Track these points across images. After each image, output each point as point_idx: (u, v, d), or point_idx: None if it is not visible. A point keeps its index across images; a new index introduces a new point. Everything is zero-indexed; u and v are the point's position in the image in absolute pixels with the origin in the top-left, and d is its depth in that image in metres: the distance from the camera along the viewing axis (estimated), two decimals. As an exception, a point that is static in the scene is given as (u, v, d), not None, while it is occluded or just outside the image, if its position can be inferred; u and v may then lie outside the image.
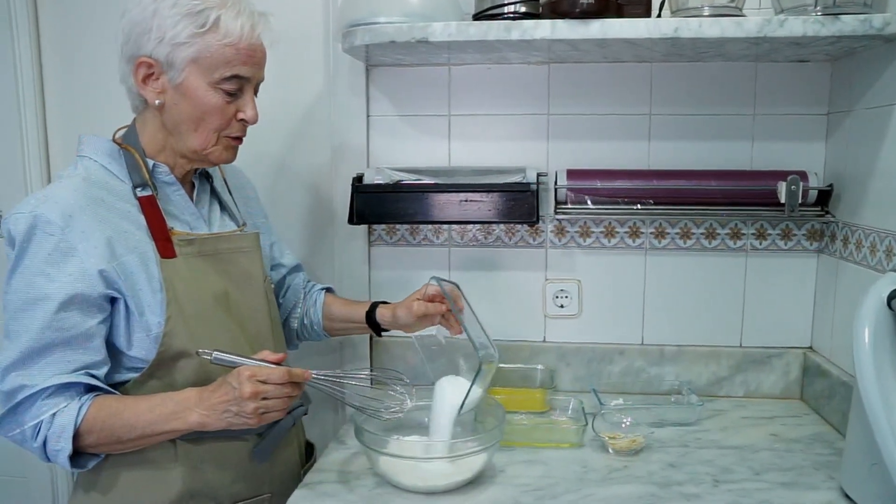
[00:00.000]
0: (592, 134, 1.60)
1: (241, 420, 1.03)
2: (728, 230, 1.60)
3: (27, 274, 1.01)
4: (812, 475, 1.22)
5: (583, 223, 1.63)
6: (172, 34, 1.03)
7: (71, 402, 1.02)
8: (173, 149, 1.13)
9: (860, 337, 1.02)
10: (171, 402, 1.05)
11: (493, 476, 1.22)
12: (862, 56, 1.40)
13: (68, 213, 1.01)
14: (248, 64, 1.08)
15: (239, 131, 1.14)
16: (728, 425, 1.46)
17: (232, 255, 1.19)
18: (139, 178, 1.10)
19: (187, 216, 1.16)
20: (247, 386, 1.01)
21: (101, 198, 1.06)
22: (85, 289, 1.01)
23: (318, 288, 1.46)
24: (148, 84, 1.07)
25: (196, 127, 1.09)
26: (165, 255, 1.08)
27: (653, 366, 1.64)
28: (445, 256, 1.68)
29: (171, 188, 1.14)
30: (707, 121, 1.57)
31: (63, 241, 1.00)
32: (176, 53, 1.04)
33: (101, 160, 1.10)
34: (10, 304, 1.02)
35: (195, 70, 1.05)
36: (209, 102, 1.07)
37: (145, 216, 1.09)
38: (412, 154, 1.65)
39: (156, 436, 1.05)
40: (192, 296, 1.09)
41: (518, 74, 1.60)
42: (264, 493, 1.20)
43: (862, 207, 1.39)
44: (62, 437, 1.00)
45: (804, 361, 1.59)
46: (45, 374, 1.01)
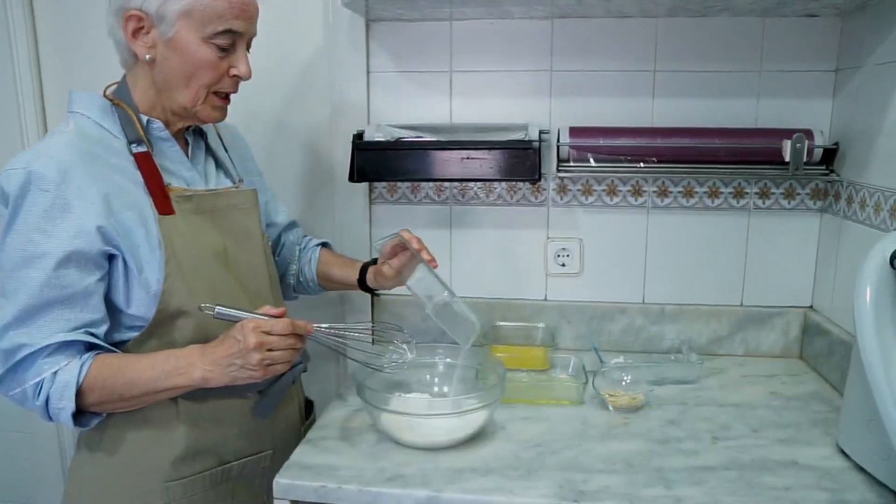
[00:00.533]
0: (596, 91, 1.58)
1: (246, 373, 1.03)
2: (731, 189, 1.59)
3: (23, 231, 0.99)
4: (809, 431, 1.24)
5: (585, 181, 1.62)
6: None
7: (72, 360, 1.01)
8: (164, 105, 1.11)
9: (861, 295, 1.02)
10: (173, 358, 1.04)
11: (493, 432, 1.23)
12: (873, 10, 1.37)
13: (63, 168, 0.99)
14: (241, 18, 1.06)
15: (231, 87, 1.12)
16: (727, 383, 1.47)
17: (230, 211, 1.18)
18: (134, 133, 1.08)
19: (184, 172, 1.14)
20: (251, 337, 1.01)
21: (97, 153, 1.04)
22: (83, 245, 1.00)
23: (313, 244, 1.46)
24: (138, 38, 1.05)
25: (187, 83, 1.07)
26: (163, 211, 1.07)
27: (653, 324, 1.64)
28: (447, 214, 1.68)
29: (167, 144, 1.12)
30: (712, 78, 1.55)
31: (59, 198, 0.98)
32: (167, 6, 1.01)
33: (93, 116, 1.08)
34: (5, 262, 1.01)
35: (187, 24, 1.03)
36: (201, 58, 1.05)
37: (142, 172, 1.07)
38: (413, 111, 1.64)
39: (158, 392, 1.05)
40: (190, 253, 1.08)
41: (521, 30, 1.58)
42: (266, 449, 1.21)
43: (868, 166, 1.38)
44: (64, 396, 1.00)
45: (804, 320, 1.60)
46: (44, 332, 1.00)
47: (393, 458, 1.15)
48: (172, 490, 1.10)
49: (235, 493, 1.19)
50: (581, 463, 1.13)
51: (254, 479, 1.21)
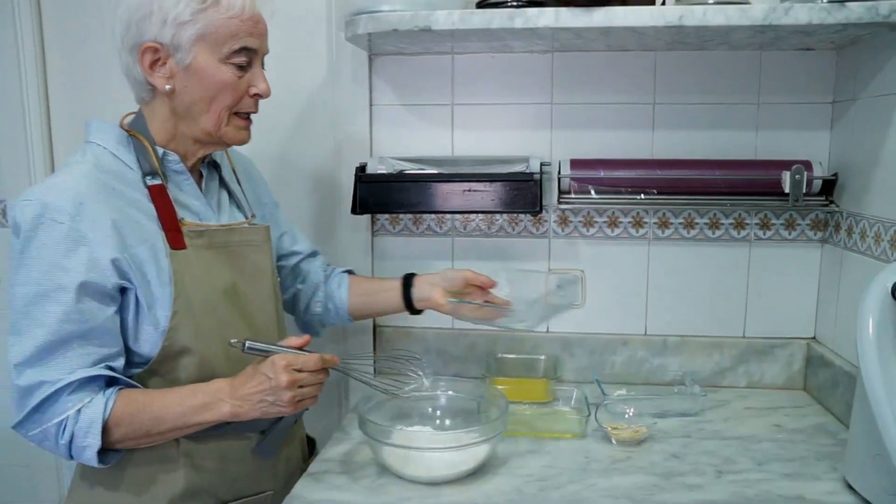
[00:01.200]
0: (596, 123, 1.60)
1: (277, 409, 1.03)
2: (732, 220, 1.59)
3: (37, 264, 0.98)
4: (815, 466, 1.22)
5: (586, 213, 1.63)
6: (175, 13, 1.01)
7: (96, 396, 0.99)
8: (186, 134, 1.10)
9: (864, 327, 1.02)
10: (200, 393, 1.04)
11: (496, 466, 1.22)
12: (867, 44, 1.38)
13: (78, 200, 0.98)
14: (254, 34, 1.07)
15: (252, 107, 1.12)
16: (731, 416, 1.46)
17: (242, 247, 1.17)
18: (149, 165, 1.08)
19: (197, 206, 1.14)
20: (283, 375, 1.01)
21: (112, 185, 1.04)
22: (98, 278, 0.99)
23: (339, 271, 1.44)
24: (155, 70, 1.05)
25: (209, 107, 1.07)
26: (175, 246, 1.06)
27: (656, 356, 1.64)
28: (449, 246, 1.68)
29: (181, 177, 1.12)
30: (711, 110, 1.57)
31: (73, 230, 0.98)
32: (181, 33, 1.02)
33: (109, 146, 1.08)
34: (18, 296, 0.99)
35: (203, 47, 1.03)
36: (221, 79, 1.05)
37: (155, 205, 1.06)
38: (415, 143, 1.65)
39: (187, 427, 1.04)
40: (200, 289, 1.08)
41: (521, 63, 1.60)
42: (267, 490, 1.19)
43: (866, 197, 1.38)
44: (90, 433, 0.98)
45: (807, 352, 1.59)
46: (65, 368, 0.98)
47: (395, 492, 1.14)
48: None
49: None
50: (584, 498, 1.12)
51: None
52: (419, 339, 1.67)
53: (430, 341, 1.67)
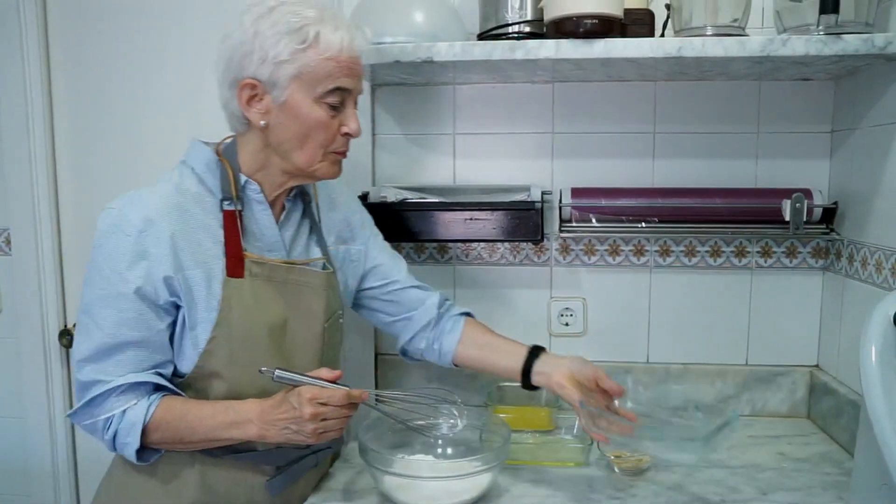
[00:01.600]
0: (597, 152, 1.61)
1: (300, 437, 1.06)
2: (733, 248, 1.60)
3: (103, 270, 1.05)
4: (820, 495, 1.21)
5: (587, 241, 1.63)
6: (274, 53, 1.03)
7: (140, 400, 1.06)
8: (277, 166, 1.13)
9: (867, 355, 1.02)
10: (232, 412, 1.07)
11: (498, 495, 1.21)
12: (864, 75, 1.40)
13: (149, 217, 1.05)
14: (350, 76, 1.09)
15: (343, 146, 1.14)
16: (734, 444, 1.44)
17: (299, 287, 1.17)
18: (228, 191, 1.11)
19: (268, 237, 1.15)
20: (307, 408, 1.02)
21: (187, 208, 1.08)
22: (152, 292, 1.05)
23: (456, 312, 1.38)
24: (252, 105, 1.07)
25: (302, 144, 1.09)
26: (233, 273, 1.09)
27: (658, 384, 1.63)
28: (450, 275, 1.68)
29: (259, 207, 1.14)
30: (711, 139, 1.58)
31: (138, 244, 1.04)
32: (279, 72, 1.04)
33: (198, 169, 1.12)
34: (85, 295, 1.07)
35: (298, 86, 1.06)
36: (314, 118, 1.07)
37: (224, 230, 1.10)
38: (417, 172, 1.66)
39: (216, 441, 1.09)
40: (245, 319, 1.10)
41: (522, 93, 1.61)
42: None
43: (867, 225, 1.39)
44: (131, 433, 1.05)
45: (811, 380, 1.59)
46: (118, 370, 1.06)
47: (396, 522, 1.13)
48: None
49: None
50: (588, 527, 1.11)
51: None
52: (421, 367, 1.66)
53: (432, 369, 1.66)
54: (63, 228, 1.82)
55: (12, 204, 1.78)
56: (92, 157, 1.78)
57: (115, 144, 1.77)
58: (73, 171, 1.80)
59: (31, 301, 1.81)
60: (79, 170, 1.80)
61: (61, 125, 1.79)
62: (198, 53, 1.70)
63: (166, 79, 1.73)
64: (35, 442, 1.85)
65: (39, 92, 1.75)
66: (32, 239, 1.79)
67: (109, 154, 1.77)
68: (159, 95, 1.73)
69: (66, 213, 1.81)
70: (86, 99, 1.77)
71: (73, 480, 1.87)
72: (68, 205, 1.81)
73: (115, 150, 1.77)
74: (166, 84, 1.73)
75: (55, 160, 1.80)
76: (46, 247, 1.79)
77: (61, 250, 1.83)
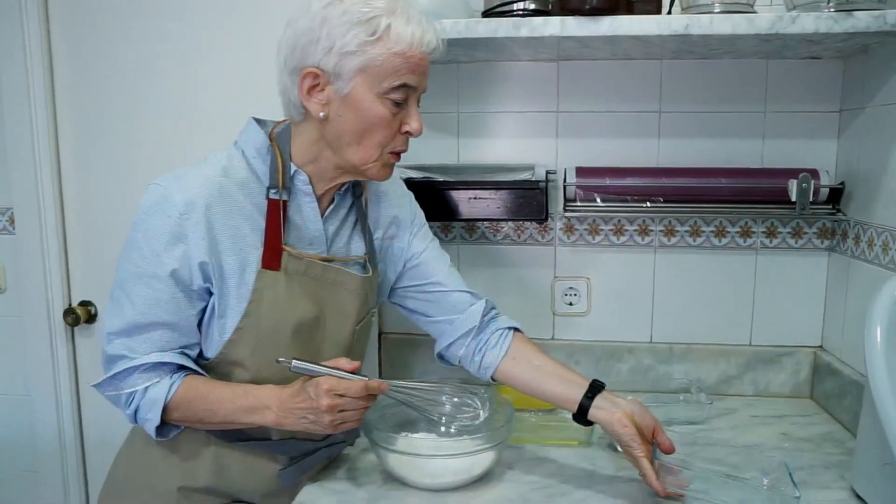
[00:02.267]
0: (602, 131, 1.60)
1: (317, 427, 1.05)
2: (738, 228, 1.59)
3: (141, 248, 1.04)
4: (822, 475, 1.22)
5: (592, 221, 1.63)
6: (342, 43, 0.99)
7: (163, 379, 1.06)
8: (329, 160, 1.09)
9: (872, 336, 1.02)
10: (251, 397, 1.06)
11: (501, 473, 1.22)
12: (874, 53, 1.38)
13: (192, 199, 1.02)
14: (416, 73, 1.04)
15: (403, 145, 1.10)
16: (737, 424, 1.45)
17: (334, 286, 1.15)
18: (275, 180, 1.07)
19: (311, 230, 1.13)
20: (324, 399, 1.01)
21: (231, 194, 1.06)
22: (187, 276, 1.04)
23: (503, 325, 1.29)
24: (313, 95, 1.03)
25: (360, 140, 1.06)
26: (268, 265, 1.07)
27: (662, 364, 1.63)
28: (454, 254, 1.68)
29: (306, 199, 1.11)
30: (717, 118, 1.57)
31: (178, 226, 1.02)
32: (344, 63, 1.00)
33: (249, 153, 1.09)
34: (121, 270, 1.06)
35: (362, 80, 1.02)
36: (376, 113, 1.03)
37: (266, 220, 1.07)
38: (421, 152, 1.65)
39: (234, 424, 1.09)
40: (274, 312, 1.08)
41: (527, 71, 1.60)
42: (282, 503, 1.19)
43: (874, 205, 1.38)
44: (152, 410, 1.06)
45: (814, 360, 1.59)
46: (144, 348, 1.06)
47: (400, 499, 1.14)
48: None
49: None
50: (590, 506, 1.11)
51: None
52: (425, 347, 1.67)
53: (435, 349, 1.66)
54: (66, 207, 1.82)
55: (16, 183, 1.77)
56: (94, 138, 1.78)
57: (118, 125, 1.76)
58: (76, 151, 1.79)
59: (36, 280, 1.81)
60: (81, 150, 1.79)
61: (63, 105, 1.78)
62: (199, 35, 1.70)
63: (168, 61, 1.71)
64: (42, 419, 1.87)
65: (41, 72, 1.74)
66: (36, 218, 1.79)
67: (112, 134, 1.76)
68: (161, 77, 1.72)
69: (70, 191, 1.81)
70: (88, 79, 1.76)
71: (80, 457, 1.89)
72: (71, 183, 1.81)
73: (117, 130, 1.76)
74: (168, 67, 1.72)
75: (58, 140, 1.79)
76: (50, 226, 1.79)
77: (65, 229, 1.83)
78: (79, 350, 1.87)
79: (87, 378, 1.88)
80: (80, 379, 1.88)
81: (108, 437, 1.82)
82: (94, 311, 1.84)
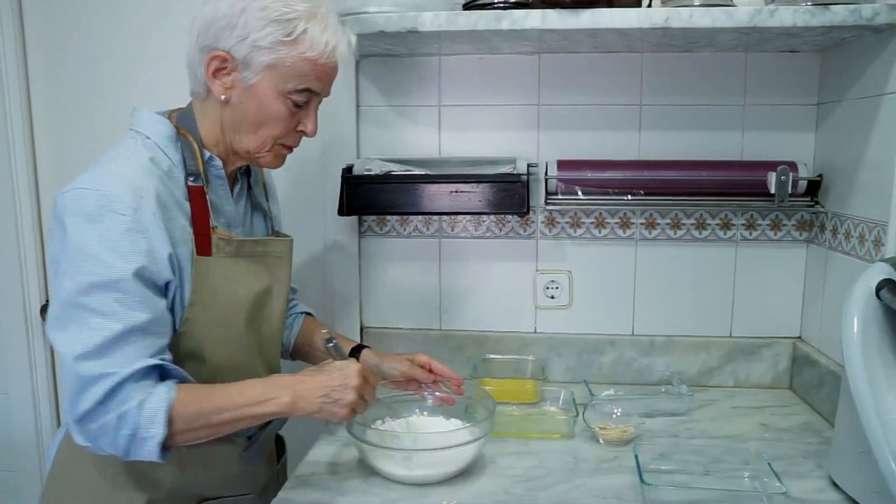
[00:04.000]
0: (583, 124, 1.60)
1: (333, 409, 1.03)
2: (718, 220, 1.60)
3: (97, 255, 0.94)
4: (801, 464, 1.23)
5: (573, 214, 1.63)
6: (256, 36, 1.01)
7: (157, 387, 0.96)
8: (227, 144, 1.10)
9: (849, 326, 1.03)
10: (261, 385, 1.03)
11: (483, 467, 1.22)
12: (851, 46, 1.40)
13: (139, 194, 0.97)
14: (322, 80, 1.07)
15: (294, 142, 1.13)
16: (718, 415, 1.46)
17: (266, 258, 1.17)
18: (193, 167, 1.07)
19: (229, 211, 1.13)
20: (356, 379, 1.04)
21: (164, 183, 1.03)
22: (154, 271, 0.98)
23: (298, 310, 1.41)
24: (217, 77, 1.05)
25: (256, 130, 1.08)
26: (202, 252, 1.05)
27: (643, 356, 1.64)
28: (436, 247, 1.68)
29: (218, 182, 1.11)
30: (697, 111, 1.57)
31: (136, 222, 0.96)
32: (254, 56, 1.02)
33: (160, 142, 1.06)
34: (70, 288, 0.94)
35: (269, 76, 1.03)
36: (275, 110, 1.06)
37: (191, 207, 1.05)
38: (402, 145, 1.65)
39: (246, 419, 1.01)
40: (217, 298, 1.07)
41: (508, 64, 1.60)
42: (249, 492, 1.20)
43: (851, 198, 1.39)
44: (155, 422, 0.94)
45: (793, 351, 1.60)
46: (125, 359, 0.94)
47: (382, 494, 1.13)
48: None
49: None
50: (572, 498, 1.12)
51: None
52: (407, 340, 1.67)
53: (417, 342, 1.66)
54: (43, 204, 1.80)
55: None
56: (70, 135, 1.76)
57: (93, 121, 1.74)
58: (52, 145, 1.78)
59: (13, 277, 1.79)
60: (57, 143, 1.77)
61: (38, 98, 1.76)
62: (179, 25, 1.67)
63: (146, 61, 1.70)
64: (19, 417, 1.85)
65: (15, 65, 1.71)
66: (12, 213, 1.76)
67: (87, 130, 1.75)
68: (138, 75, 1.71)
69: (46, 189, 1.79)
70: (63, 71, 1.74)
71: (58, 455, 1.87)
72: (47, 178, 1.78)
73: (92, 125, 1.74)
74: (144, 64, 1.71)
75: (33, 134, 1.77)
76: (26, 221, 1.77)
77: (41, 226, 1.80)
78: (67, 371, 1.84)
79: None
80: (58, 376, 1.85)
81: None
82: (71, 307, 1.82)
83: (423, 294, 1.69)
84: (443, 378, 1.30)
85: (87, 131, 1.74)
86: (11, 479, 1.87)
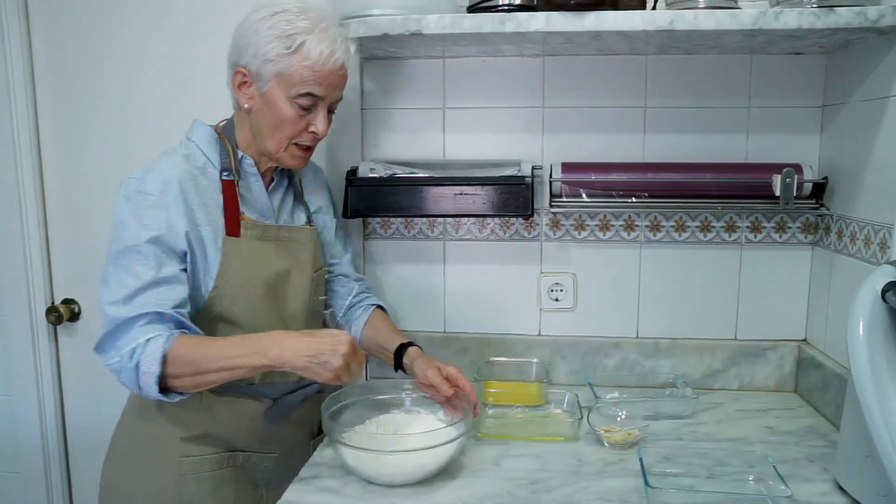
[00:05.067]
0: (587, 127, 1.60)
1: (318, 370, 1.12)
2: (723, 223, 1.60)
3: (126, 225, 1.17)
4: (806, 467, 1.23)
5: (578, 216, 1.63)
6: (264, 51, 1.19)
7: (163, 334, 1.13)
8: (257, 146, 1.29)
9: (855, 329, 1.02)
10: (254, 339, 1.16)
11: (487, 469, 1.22)
12: (856, 48, 1.39)
13: (166, 180, 1.19)
14: (323, 85, 1.22)
15: (308, 141, 1.28)
16: (723, 418, 1.46)
17: (289, 243, 1.33)
18: (227, 164, 1.27)
19: (260, 204, 1.32)
20: (346, 346, 1.12)
21: (195, 175, 1.23)
22: (171, 239, 1.17)
23: (368, 302, 1.53)
24: (241, 90, 1.24)
25: (273, 132, 1.25)
26: (231, 232, 1.25)
27: (648, 359, 1.64)
28: (440, 250, 1.68)
29: (252, 178, 1.30)
30: (702, 113, 1.57)
31: (159, 201, 1.18)
32: (264, 67, 1.20)
33: (201, 145, 1.28)
34: (109, 252, 1.18)
35: (277, 84, 1.21)
36: (285, 113, 1.23)
37: (224, 197, 1.25)
38: (407, 147, 1.65)
39: (231, 368, 1.14)
40: (243, 272, 1.25)
41: (513, 67, 1.60)
42: (272, 451, 1.35)
43: (856, 200, 1.39)
44: (153, 360, 1.11)
45: (798, 354, 1.60)
46: (139, 305, 1.14)
47: (385, 497, 1.13)
48: (184, 464, 1.26)
49: (238, 478, 1.31)
50: (576, 501, 1.12)
51: (256, 473, 1.34)
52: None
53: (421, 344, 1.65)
54: (48, 205, 1.80)
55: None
56: (76, 134, 1.76)
57: (100, 121, 1.74)
58: (58, 148, 1.78)
59: (18, 278, 1.79)
60: (63, 146, 1.78)
61: (45, 100, 1.76)
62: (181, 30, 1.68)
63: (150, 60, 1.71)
64: (24, 419, 1.85)
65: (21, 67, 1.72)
66: (18, 216, 1.77)
67: (94, 131, 1.75)
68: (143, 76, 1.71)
69: (52, 189, 1.79)
70: (69, 73, 1.74)
71: (63, 458, 1.88)
72: (53, 181, 1.79)
73: (100, 126, 1.74)
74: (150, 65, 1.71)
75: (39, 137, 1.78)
76: (32, 224, 1.77)
77: (47, 228, 1.81)
78: (62, 349, 1.85)
79: (71, 378, 1.86)
80: (64, 378, 1.86)
81: (91, 438, 1.81)
82: (77, 309, 1.83)
83: (428, 296, 1.69)
84: (459, 395, 1.31)
85: (92, 131, 1.75)
86: (16, 481, 1.87)
